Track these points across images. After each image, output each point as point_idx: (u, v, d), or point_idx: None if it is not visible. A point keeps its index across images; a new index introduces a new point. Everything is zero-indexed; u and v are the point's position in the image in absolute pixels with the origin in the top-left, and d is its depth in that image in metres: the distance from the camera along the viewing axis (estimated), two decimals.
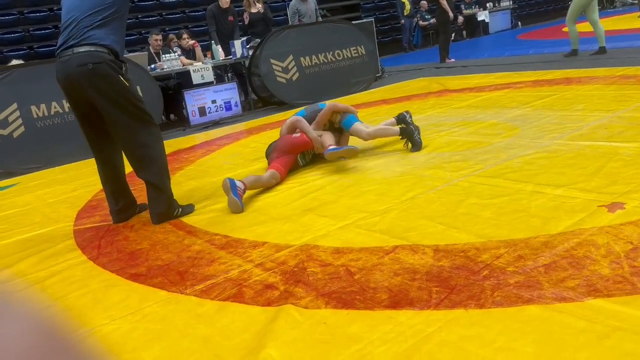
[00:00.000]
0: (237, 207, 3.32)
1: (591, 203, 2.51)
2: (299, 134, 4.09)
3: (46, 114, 6.25)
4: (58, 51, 3.05)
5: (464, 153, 3.76)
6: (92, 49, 2.95)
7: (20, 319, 0.29)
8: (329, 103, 4.29)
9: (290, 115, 4.49)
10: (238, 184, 3.41)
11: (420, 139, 4.09)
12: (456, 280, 2.02)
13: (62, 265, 2.90)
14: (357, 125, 4.18)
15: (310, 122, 4.17)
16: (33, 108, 6.17)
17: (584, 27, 8.23)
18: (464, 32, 16.48)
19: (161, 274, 2.55)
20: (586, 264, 1.97)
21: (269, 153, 4.10)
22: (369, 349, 1.69)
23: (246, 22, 8.76)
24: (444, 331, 1.71)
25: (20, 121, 6.09)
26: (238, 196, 3.34)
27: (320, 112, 4.22)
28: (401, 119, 4.31)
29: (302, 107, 4.60)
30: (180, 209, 3.40)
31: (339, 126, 4.24)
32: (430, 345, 1.65)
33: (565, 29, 8.36)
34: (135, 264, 2.74)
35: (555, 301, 1.76)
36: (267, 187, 3.73)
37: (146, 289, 2.41)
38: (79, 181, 4.99)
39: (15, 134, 6.06)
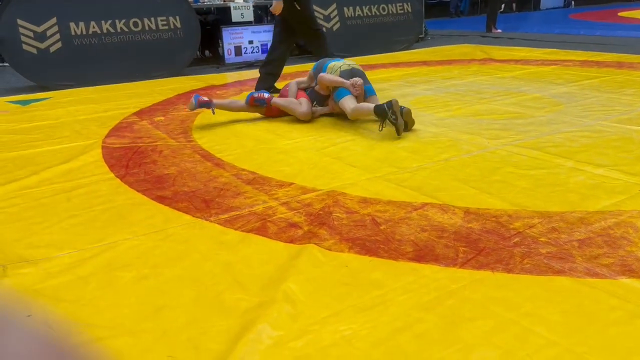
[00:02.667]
0: (191, 105, 3.95)
1: (633, 186, 2.42)
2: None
3: (84, 32, 6.21)
4: None
5: (504, 122, 3.65)
6: None
7: (21, 334, 0.26)
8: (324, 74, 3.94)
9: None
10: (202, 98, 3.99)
11: (397, 120, 3.35)
12: (485, 243, 1.97)
13: (89, 179, 2.92)
14: (344, 101, 3.76)
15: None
16: (72, 25, 6.13)
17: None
18: (514, 5, 15.88)
19: (187, 199, 2.55)
20: (623, 244, 1.91)
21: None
22: (390, 296, 1.67)
23: None
24: (469, 289, 1.68)
25: (58, 36, 6.07)
26: (197, 102, 3.92)
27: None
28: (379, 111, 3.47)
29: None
30: None
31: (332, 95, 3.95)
32: (453, 301, 1.63)
33: (621, 14, 7.98)
34: (162, 187, 2.74)
35: (587, 276, 1.71)
36: (244, 111, 4.13)
37: (171, 212, 2.41)
38: (111, 103, 4.99)
39: (52, 49, 6.05)
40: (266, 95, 4.08)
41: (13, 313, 0.27)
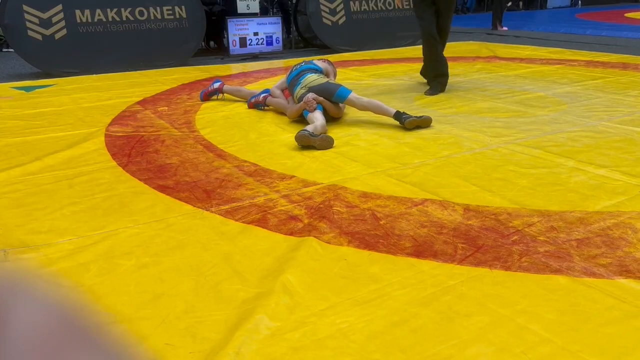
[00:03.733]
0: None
1: (634, 187, 2.43)
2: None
3: (90, 20, 6.21)
4: None
5: (506, 120, 3.65)
6: None
7: (37, 304, 0.26)
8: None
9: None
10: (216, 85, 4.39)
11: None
12: (484, 241, 1.98)
13: (92, 166, 2.93)
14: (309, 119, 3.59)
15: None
16: (77, 12, 6.13)
17: None
18: (520, 3, 15.81)
19: (188, 189, 2.56)
20: (621, 245, 1.91)
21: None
22: (387, 290, 1.68)
23: None
24: (466, 286, 1.70)
25: (63, 23, 6.06)
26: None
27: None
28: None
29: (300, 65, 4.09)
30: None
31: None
32: (449, 297, 1.64)
33: (628, 15, 7.96)
34: (163, 176, 2.75)
35: (585, 275, 1.72)
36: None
37: (172, 201, 2.43)
38: (114, 91, 5.00)
39: (57, 36, 6.04)
40: (261, 97, 4.19)
41: (30, 286, 0.27)
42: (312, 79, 3.82)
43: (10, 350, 0.24)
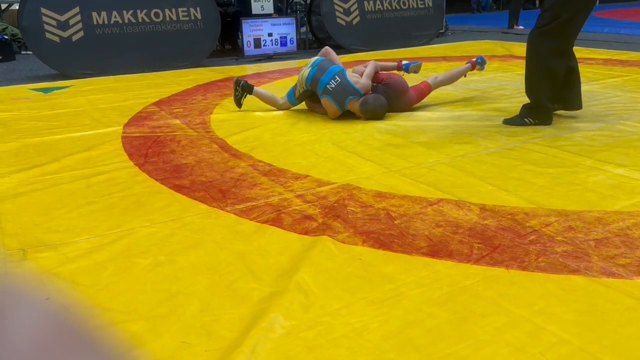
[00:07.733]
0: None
1: None
2: None
3: (106, 22, 6.27)
4: None
5: None
6: None
7: (33, 308, 0.26)
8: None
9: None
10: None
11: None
12: (500, 241, 1.96)
13: (109, 166, 2.96)
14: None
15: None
16: (94, 14, 6.20)
17: None
18: (537, 1, 15.64)
19: (204, 189, 2.58)
20: None
21: None
22: (402, 290, 1.67)
23: None
24: (482, 286, 1.68)
25: (80, 25, 6.13)
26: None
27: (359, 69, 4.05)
28: None
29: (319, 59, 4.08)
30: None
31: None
32: (465, 297, 1.62)
33: None
34: (179, 176, 2.77)
35: (603, 275, 1.70)
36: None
37: (188, 201, 2.44)
38: (131, 92, 5.05)
39: (74, 38, 6.12)
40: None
41: (31, 295, 0.27)
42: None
43: (8, 354, 0.24)
